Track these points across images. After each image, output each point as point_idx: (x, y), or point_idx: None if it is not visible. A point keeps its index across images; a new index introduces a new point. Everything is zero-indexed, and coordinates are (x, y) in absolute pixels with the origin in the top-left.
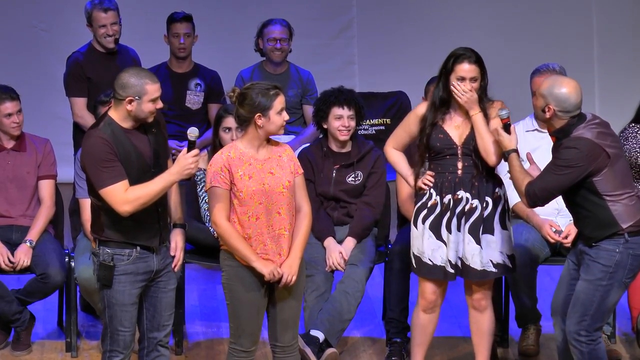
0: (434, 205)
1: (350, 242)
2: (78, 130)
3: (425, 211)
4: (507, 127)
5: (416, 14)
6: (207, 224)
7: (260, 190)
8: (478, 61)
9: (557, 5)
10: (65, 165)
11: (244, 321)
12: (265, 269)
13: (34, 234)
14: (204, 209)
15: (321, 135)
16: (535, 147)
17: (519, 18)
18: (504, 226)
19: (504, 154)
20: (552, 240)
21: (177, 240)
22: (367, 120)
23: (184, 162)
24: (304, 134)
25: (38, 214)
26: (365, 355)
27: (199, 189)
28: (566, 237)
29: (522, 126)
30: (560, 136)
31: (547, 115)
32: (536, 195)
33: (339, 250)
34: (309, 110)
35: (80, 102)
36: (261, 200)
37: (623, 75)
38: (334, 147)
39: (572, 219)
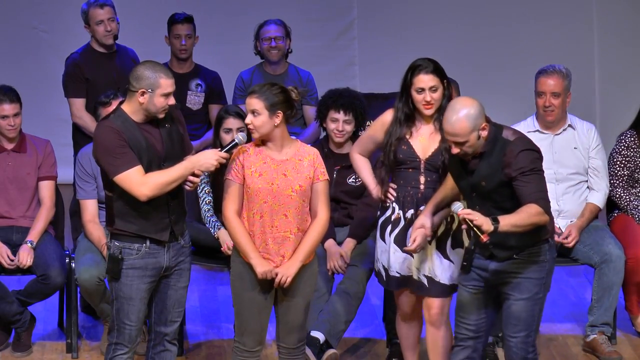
0: (397, 220)
1: (350, 243)
2: (77, 131)
3: (389, 226)
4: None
5: (417, 16)
6: (207, 225)
7: (266, 189)
8: (436, 70)
9: (557, 6)
10: (65, 166)
11: (246, 319)
12: (259, 268)
13: (34, 235)
14: (204, 210)
15: (322, 135)
16: None
17: (520, 19)
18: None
19: (495, 222)
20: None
21: None
22: (368, 122)
23: (209, 155)
24: (304, 135)
25: (38, 215)
26: (365, 356)
27: (199, 190)
28: (566, 238)
29: (523, 127)
30: (489, 147)
31: (484, 133)
32: (546, 204)
33: (339, 253)
34: (309, 110)
35: (79, 103)
36: (266, 199)
37: (623, 77)
38: (334, 148)
39: (572, 220)
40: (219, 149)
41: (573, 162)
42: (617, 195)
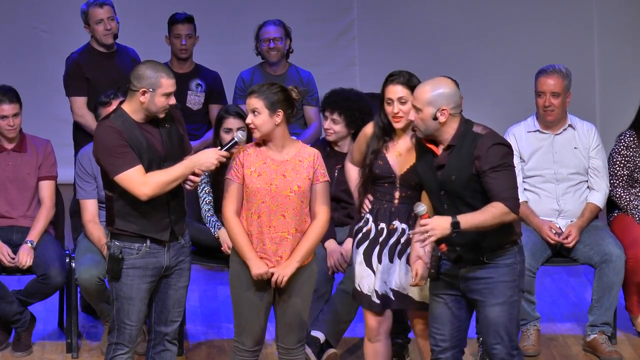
0: (369, 231)
1: (350, 242)
2: (78, 131)
3: (360, 235)
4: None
5: (417, 16)
6: (207, 225)
7: (265, 190)
8: (408, 82)
9: (557, 6)
10: (65, 166)
11: (244, 319)
12: (254, 269)
13: (34, 235)
14: (205, 210)
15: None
16: (537, 147)
17: (520, 19)
18: None
19: (455, 227)
20: (552, 242)
21: None
22: None
23: (209, 154)
24: (305, 135)
25: (38, 214)
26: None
27: (199, 190)
28: (566, 238)
29: (523, 127)
30: (459, 141)
31: (442, 119)
32: (514, 202)
33: (339, 252)
34: (309, 111)
35: (80, 101)
36: (264, 199)
37: (623, 76)
38: (335, 147)
39: (572, 219)
40: (219, 147)
41: (573, 162)
42: (617, 195)
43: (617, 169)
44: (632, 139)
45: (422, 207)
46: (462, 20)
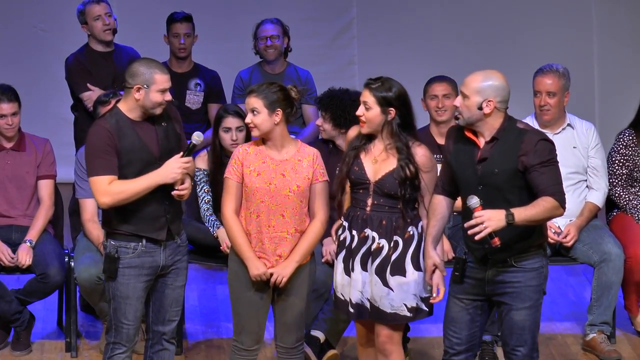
0: (344, 240)
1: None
2: (79, 130)
3: (339, 243)
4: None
5: (416, 14)
6: (206, 224)
7: (264, 189)
8: (376, 88)
9: (557, 7)
10: (65, 165)
11: (243, 318)
12: (253, 270)
13: (33, 234)
14: (204, 209)
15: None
16: None
17: (519, 18)
18: (417, 267)
19: (510, 220)
20: (551, 241)
21: None
22: None
23: (173, 165)
24: (303, 134)
25: (37, 213)
26: None
27: (198, 189)
28: (565, 237)
29: None
30: (503, 135)
31: (487, 110)
32: (562, 197)
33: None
34: (308, 110)
35: (93, 95)
36: (263, 199)
37: (622, 76)
38: (338, 146)
39: (571, 219)
40: (180, 154)
41: (572, 161)
42: (617, 194)
43: (617, 168)
44: (631, 138)
45: (475, 200)
46: (461, 20)
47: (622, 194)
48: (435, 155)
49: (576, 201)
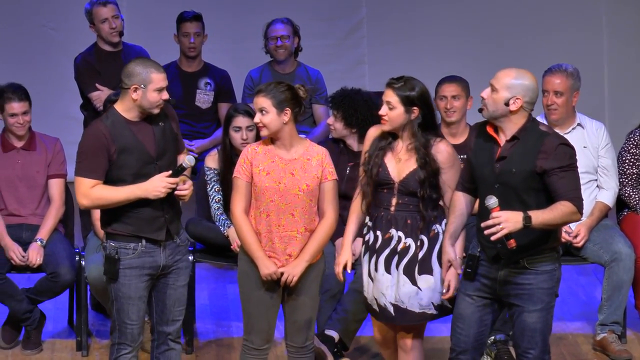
0: (368, 240)
1: (360, 241)
2: None
3: (364, 244)
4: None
5: (426, 13)
6: (217, 223)
7: (273, 188)
8: (398, 88)
9: (566, 8)
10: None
11: (253, 318)
12: (263, 269)
13: (44, 233)
14: (214, 209)
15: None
16: None
17: (528, 18)
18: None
19: (527, 222)
20: (561, 240)
21: None
22: None
23: (157, 183)
24: (314, 133)
25: (48, 213)
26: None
27: (208, 188)
28: (576, 237)
29: None
30: (524, 135)
31: (513, 107)
32: (580, 202)
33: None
34: (318, 109)
35: (102, 95)
36: (273, 198)
37: (632, 76)
38: (348, 145)
39: (582, 218)
40: (169, 173)
41: (582, 161)
42: (627, 194)
43: (627, 167)
44: None
45: (493, 200)
46: (471, 21)
47: (632, 193)
48: None
49: (587, 201)
